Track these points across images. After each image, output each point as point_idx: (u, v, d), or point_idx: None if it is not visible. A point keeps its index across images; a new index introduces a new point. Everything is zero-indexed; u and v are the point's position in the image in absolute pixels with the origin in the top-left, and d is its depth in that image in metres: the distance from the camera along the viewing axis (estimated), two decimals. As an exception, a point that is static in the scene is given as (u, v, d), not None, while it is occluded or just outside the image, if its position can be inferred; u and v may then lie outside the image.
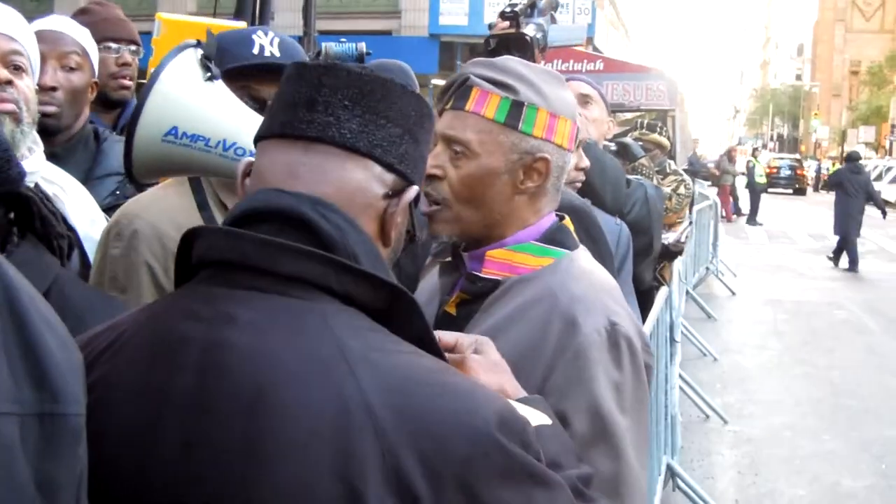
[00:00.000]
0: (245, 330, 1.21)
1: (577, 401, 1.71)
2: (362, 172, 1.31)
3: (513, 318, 1.81)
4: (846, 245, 17.58)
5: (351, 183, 1.30)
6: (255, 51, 2.32)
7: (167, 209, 2.29)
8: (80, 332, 1.41)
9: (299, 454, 1.15)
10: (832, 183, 19.09)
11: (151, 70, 2.06)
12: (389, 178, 1.34)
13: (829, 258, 17.95)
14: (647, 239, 4.01)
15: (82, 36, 3.18)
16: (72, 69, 3.07)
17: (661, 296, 5.39)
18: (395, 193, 1.35)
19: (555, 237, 1.91)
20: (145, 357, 1.25)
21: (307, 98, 1.31)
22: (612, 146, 4.94)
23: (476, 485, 1.17)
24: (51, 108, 2.93)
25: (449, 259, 2.02)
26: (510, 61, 1.92)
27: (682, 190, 7.10)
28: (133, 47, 3.90)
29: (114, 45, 3.79)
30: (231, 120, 2.04)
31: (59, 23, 3.17)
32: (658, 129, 7.36)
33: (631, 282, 3.28)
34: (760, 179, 26.95)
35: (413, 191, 1.37)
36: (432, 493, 1.15)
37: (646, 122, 7.55)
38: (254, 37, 2.35)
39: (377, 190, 1.33)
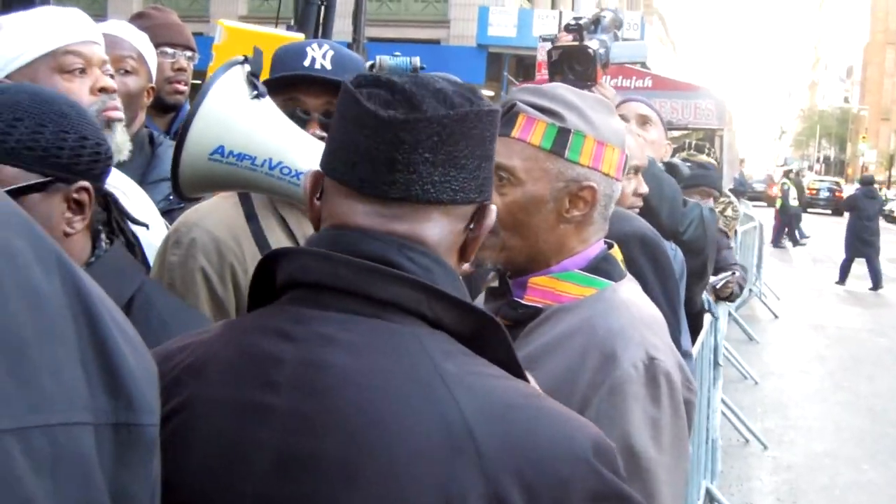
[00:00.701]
0: (341, 351, 1.22)
1: (610, 437, 1.66)
2: (446, 218, 1.31)
3: (551, 347, 1.79)
4: (872, 266, 17.95)
5: (435, 229, 1.30)
6: (307, 63, 2.32)
7: (225, 219, 2.30)
8: (166, 338, 1.43)
9: (401, 475, 1.16)
10: (846, 206, 19.78)
11: (210, 75, 2.07)
12: (471, 209, 1.34)
13: (836, 282, 18.32)
14: (702, 260, 3.96)
15: (139, 40, 3.21)
16: (127, 73, 3.11)
17: (706, 319, 5.35)
18: (476, 218, 1.35)
19: (600, 266, 1.88)
20: (234, 375, 1.26)
21: (387, 158, 1.26)
22: (661, 167, 4.91)
23: None
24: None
25: (495, 285, 2.00)
26: (559, 88, 1.91)
27: (729, 212, 7.04)
28: (189, 53, 3.93)
29: (170, 50, 3.82)
30: (277, 139, 2.04)
31: (117, 27, 3.21)
32: (706, 150, 7.30)
33: (683, 306, 3.25)
34: (794, 202, 26.70)
35: (493, 210, 1.37)
36: None
37: (694, 142, 7.49)
38: (308, 49, 2.37)
39: (460, 226, 1.33)
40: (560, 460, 1.20)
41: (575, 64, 3.89)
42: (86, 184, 1.80)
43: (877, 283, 17.86)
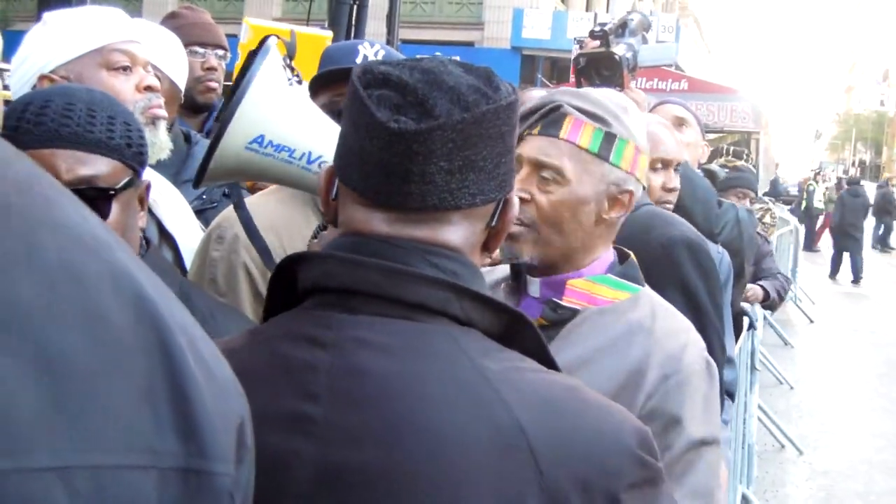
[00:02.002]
0: (377, 354, 1.19)
1: (676, 428, 1.80)
2: (467, 220, 1.27)
3: (604, 350, 1.86)
4: (854, 261, 19.40)
5: (458, 232, 1.27)
6: (359, 60, 2.32)
7: (268, 215, 2.28)
8: None
9: (453, 482, 1.13)
10: (836, 206, 21.54)
11: (237, 73, 2.03)
12: (491, 207, 1.30)
13: (829, 276, 19.51)
14: (739, 261, 3.94)
15: (155, 54, 3.19)
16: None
17: (744, 323, 5.31)
18: (499, 213, 1.32)
19: (628, 272, 1.96)
20: (267, 384, 1.21)
21: (401, 170, 1.21)
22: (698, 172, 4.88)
23: (620, 494, 1.19)
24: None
25: (510, 282, 2.04)
26: (598, 94, 1.98)
27: (767, 219, 7.02)
28: (220, 52, 3.91)
29: (200, 50, 3.80)
30: (318, 132, 1.97)
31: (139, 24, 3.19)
32: (745, 156, 7.28)
33: (730, 309, 3.24)
34: (819, 204, 26.49)
35: (515, 203, 1.34)
36: None
37: (732, 148, 7.47)
38: (359, 47, 2.38)
39: (481, 225, 1.30)
40: (609, 452, 1.20)
41: (602, 69, 3.88)
42: (149, 181, 1.86)
43: (857, 277, 19.16)
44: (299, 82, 2.00)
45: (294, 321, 1.28)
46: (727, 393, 2.98)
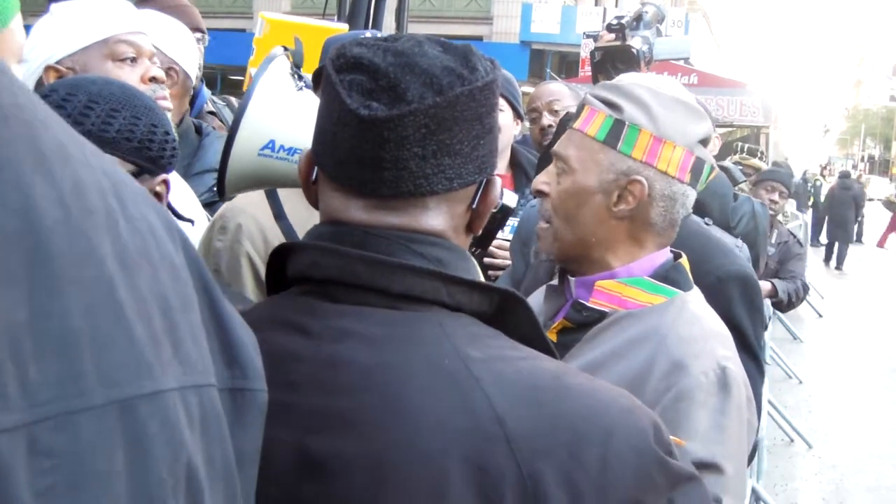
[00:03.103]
0: (360, 344, 1.18)
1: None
2: (445, 204, 1.25)
3: (618, 353, 1.77)
4: (839, 249, 20.58)
5: (437, 218, 1.25)
6: None
7: (290, 210, 2.29)
8: None
9: (430, 470, 1.12)
10: (827, 197, 23.00)
11: (251, 70, 2.05)
12: (471, 190, 1.27)
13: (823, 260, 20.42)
14: (755, 254, 3.95)
15: (169, 46, 3.19)
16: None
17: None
18: (480, 194, 1.29)
19: (669, 275, 1.84)
20: None
21: (373, 157, 1.19)
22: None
23: (610, 489, 1.15)
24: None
25: (555, 283, 1.97)
26: (636, 82, 1.88)
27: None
28: (198, 35, 3.84)
29: None
30: None
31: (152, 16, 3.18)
32: (759, 155, 7.30)
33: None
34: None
35: (497, 183, 1.30)
36: (567, 497, 1.12)
37: (746, 146, 7.48)
38: (363, 38, 2.36)
39: (462, 207, 1.27)
40: (593, 441, 1.15)
41: (618, 63, 3.88)
42: (167, 177, 1.87)
43: (840, 264, 20.36)
44: (309, 87, 2.02)
45: (281, 307, 1.28)
46: None
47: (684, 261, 1.90)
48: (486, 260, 2.97)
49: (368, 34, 2.40)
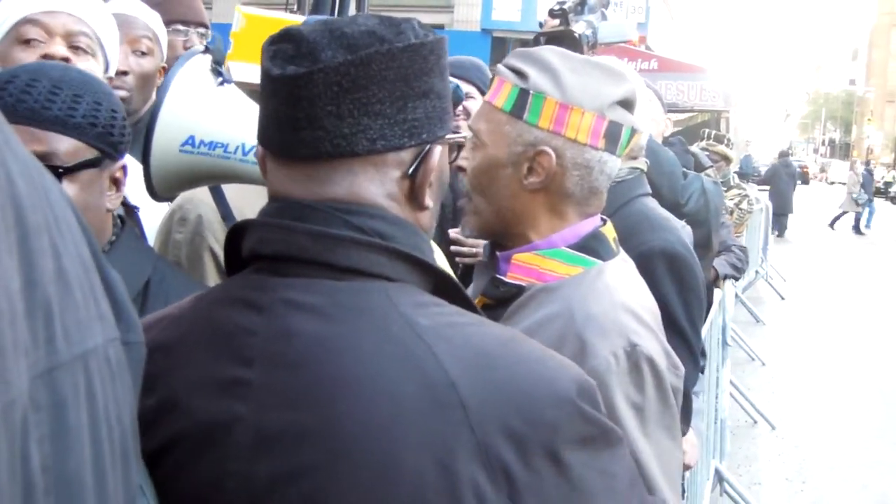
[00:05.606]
0: (308, 315, 1.18)
1: None
2: (373, 168, 1.24)
3: (531, 332, 1.58)
4: (780, 220, 22.30)
5: (365, 184, 1.24)
6: None
7: (231, 197, 2.27)
8: None
9: (386, 439, 1.12)
10: (768, 175, 24.89)
11: (227, 63, 2.04)
12: (406, 154, 1.25)
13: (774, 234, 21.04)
14: (705, 231, 3.94)
15: (153, 20, 3.14)
16: (143, 54, 3.03)
17: (714, 298, 5.35)
18: (417, 162, 1.27)
19: (588, 244, 1.76)
20: (208, 350, 1.22)
21: (287, 117, 1.21)
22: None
23: (561, 450, 1.16)
24: (122, 93, 2.91)
25: (485, 260, 1.93)
26: (546, 50, 1.80)
27: (744, 205, 7.06)
28: (202, 30, 3.82)
29: (182, 28, 3.71)
30: (247, 123, 1.94)
31: (131, 6, 3.12)
32: (725, 141, 7.34)
33: (702, 324, 3.23)
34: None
35: (435, 152, 1.28)
36: (521, 461, 1.13)
37: (713, 133, 7.52)
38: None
39: (395, 174, 1.25)
40: (545, 404, 1.17)
41: (562, 48, 3.89)
42: (125, 163, 1.85)
43: (781, 232, 22.46)
44: (230, 81, 2.01)
45: (234, 285, 1.28)
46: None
47: (607, 228, 1.82)
48: (453, 248, 2.95)
49: None
